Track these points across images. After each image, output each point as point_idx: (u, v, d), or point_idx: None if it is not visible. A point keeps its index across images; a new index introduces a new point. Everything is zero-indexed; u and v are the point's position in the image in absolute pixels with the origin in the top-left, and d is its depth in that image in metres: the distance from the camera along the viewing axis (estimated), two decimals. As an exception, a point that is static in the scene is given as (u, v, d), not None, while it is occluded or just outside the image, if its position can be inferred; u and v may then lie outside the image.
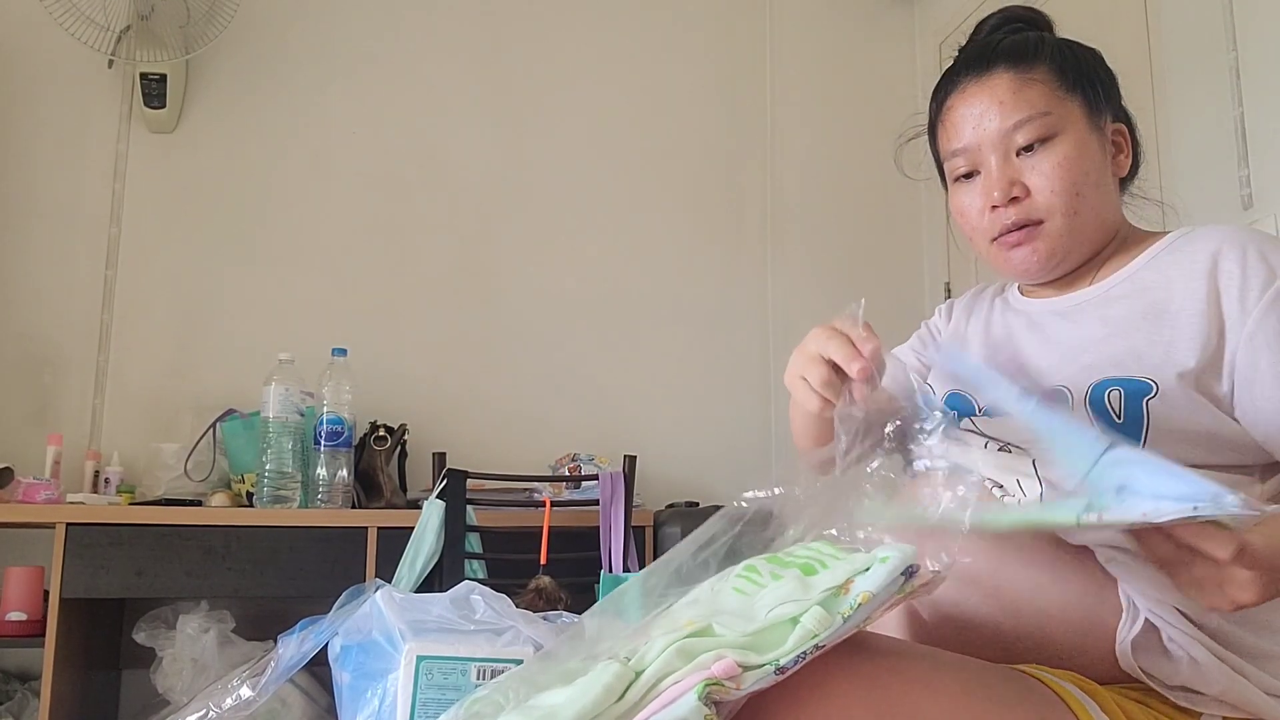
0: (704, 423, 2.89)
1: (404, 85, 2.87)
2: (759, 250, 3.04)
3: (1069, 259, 1.01)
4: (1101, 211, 1.00)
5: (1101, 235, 1.02)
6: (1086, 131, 0.99)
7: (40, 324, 2.56)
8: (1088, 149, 0.99)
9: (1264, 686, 0.82)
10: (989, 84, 1.01)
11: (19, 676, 2.35)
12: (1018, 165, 0.99)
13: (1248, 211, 1.97)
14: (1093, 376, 0.93)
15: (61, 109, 2.65)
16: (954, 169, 1.04)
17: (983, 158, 1.01)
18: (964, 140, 1.02)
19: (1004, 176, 0.99)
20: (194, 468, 2.41)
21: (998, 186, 0.99)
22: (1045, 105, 0.98)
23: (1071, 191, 0.97)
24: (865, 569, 0.66)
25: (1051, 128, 0.98)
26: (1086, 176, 0.98)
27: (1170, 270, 0.96)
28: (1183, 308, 0.92)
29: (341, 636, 1.45)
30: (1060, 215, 0.98)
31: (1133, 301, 0.96)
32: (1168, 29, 2.20)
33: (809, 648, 0.61)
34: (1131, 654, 0.81)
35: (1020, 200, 0.99)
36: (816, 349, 0.88)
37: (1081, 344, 0.98)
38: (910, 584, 0.66)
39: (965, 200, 1.04)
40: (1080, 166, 0.98)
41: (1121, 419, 0.90)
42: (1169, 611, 0.81)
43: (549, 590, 1.98)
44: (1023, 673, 0.78)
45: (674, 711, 0.58)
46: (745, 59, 3.12)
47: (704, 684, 0.58)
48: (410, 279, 2.79)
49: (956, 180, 1.05)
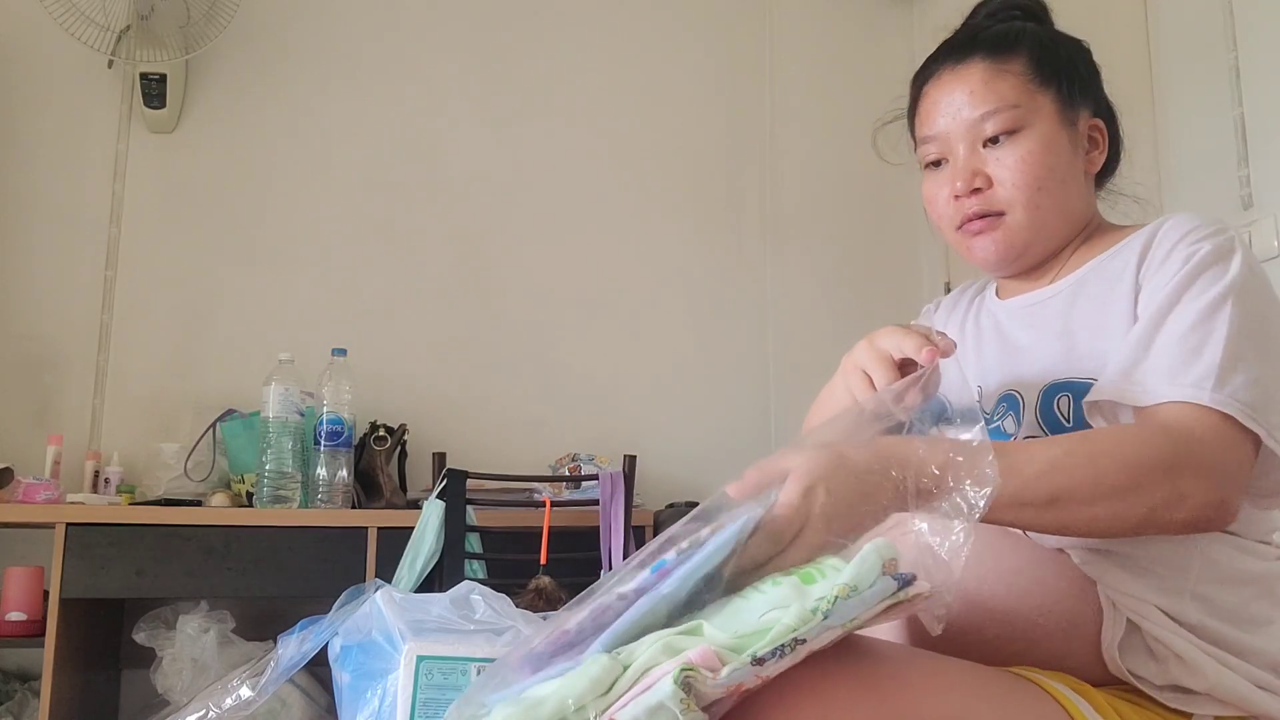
0: (704, 423, 2.89)
1: (404, 85, 2.87)
2: (758, 250, 3.04)
3: (1030, 252, 1.01)
4: (1066, 207, 1.00)
5: (1066, 229, 1.01)
6: (1056, 126, 0.99)
7: (40, 324, 2.56)
8: (1055, 144, 0.99)
9: (1253, 679, 0.82)
10: (963, 73, 1.01)
11: (19, 676, 2.35)
12: (983, 156, 0.99)
13: (1248, 211, 1.97)
14: (1045, 379, 0.94)
15: (61, 109, 2.65)
16: (925, 155, 1.05)
17: (951, 146, 1.01)
18: (935, 128, 1.02)
19: (968, 166, 0.99)
20: (194, 468, 2.41)
21: (961, 176, 1.00)
22: (1015, 98, 0.98)
23: (1033, 186, 0.97)
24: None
25: (1019, 121, 0.98)
26: (1051, 172, 0.98)
27: (1116, 263, 0.96)
28: (1119, 302, 0.93)
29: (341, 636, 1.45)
30: (1020, 208, 0.98)
31: (1083, 299, 0.97)
32: (1168, 29, 2.21)
33: (787, 641, 0.60)
34: (1119, 657, 0.81)
35: (982, 191, 0.99)
36: (889, 346, 0.88)
37: (1035, 346, 0.99)
38: (905, 592, 0.65)
39: (933, 187, 1.04)
40: (1045, 161, 0.98)
41: (1070, 423, 0.91)
42: (1148, 609, 0.82)
43: (549, 590, 1.98)
44: (1016, 675, 0.78)
45: (651, 696, 0.59)
46: (745, 59, 3.12)
47: (680, 669, 0.58)
48: (410, 279, 2.79)
49: (927, 166, 1.05)
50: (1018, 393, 0.97)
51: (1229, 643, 0.82)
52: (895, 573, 0.66)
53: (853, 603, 0.63)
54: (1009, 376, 0.99)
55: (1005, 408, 0.98)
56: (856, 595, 0.63)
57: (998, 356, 1.03)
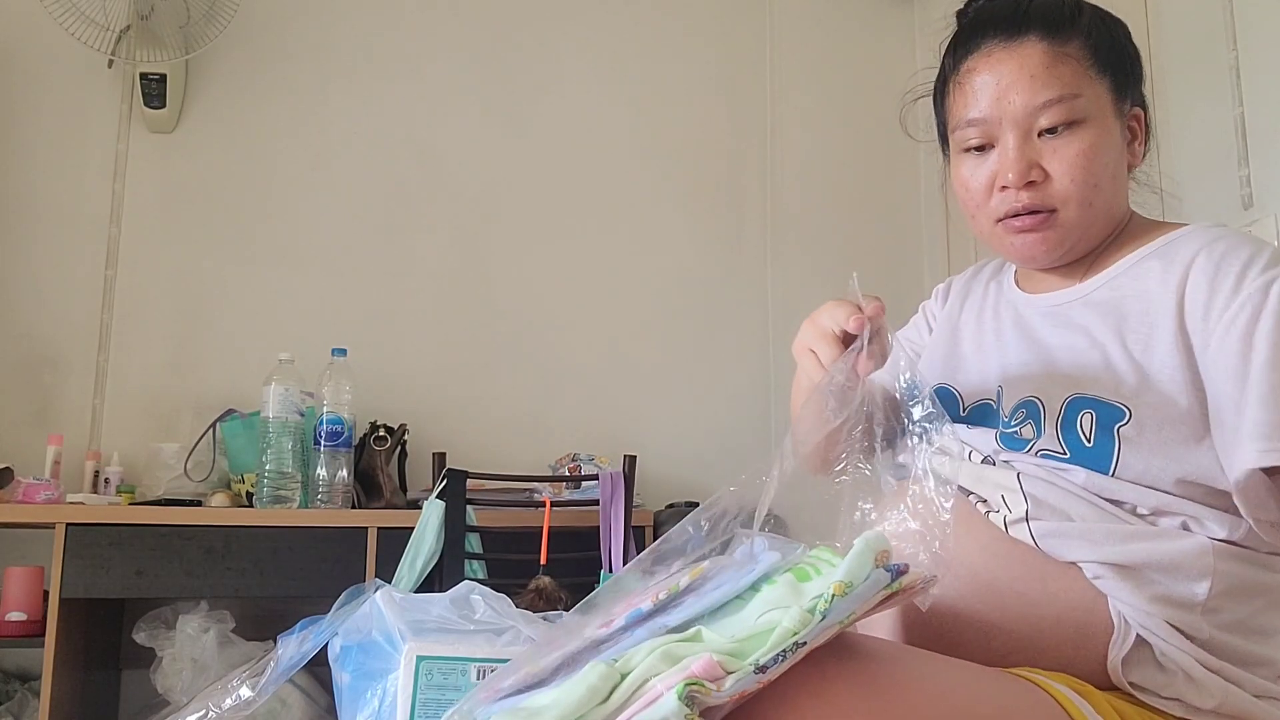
0: (704, 423, 2.89)
1: (404, 85, 2.87)
2: (759, 249, 3.04)
3: (1075, 250, 0.96)
4: (1113, 204, 0.95)
5: (1109, 228, 0.97)
6: (1112, 118, 0.93)
7: (40, 324, 2.56)
8: (1111, 138, 0.92)
9: (1255, 690, 0.82)
10: (1019, 52, 0.91)
11: (19, 676, 2.35)
12: (1038, 147, 0.92)
13: (1248, 211, 1.97)
14: (1069, 391, 0.89)
15: (61, 109, 2.65)
16: (964, 139, 0.96)
17: (1000, 132, 0.93)
18: (982, 110, 0.93)
19: (1023, 158, 0.91)
20: (194, 468, 2.41)
21: (1014, 168, 0.91)
22: (1077, 86, 0.91)
23: (1090, 183, 0.91)
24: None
25: (1080, 111, 0.91)
26: (1106, 168, 0.92)
27: (1148, 280, 0.91)
28: (1157, 324, 0.88)
29: (341, 636, 1.45)
30: (1075, 206, 0.92)
31: (1112, 310, 0.92)
32: (1168, 29, 2.20)
33: (788, 645, 0.60)
34: (1122, 670, 0.81)
35: (1036, 185, 0.92)
36: (829, 323, 0.85)
37: (1063, 351, 0.93)
38: (899, 582, 0.65)
39: (972, 174, 0.96)
40: (1102, 158, 0.91)
41: (1091, 444, 0.86)
42: (1160, 626, 0.81)
43: (549, 590, 1.98)
44: (1017, 675, 0.78)
45: (655, 712, 0.58)
46: (745, 59, 3.12)
47: (684, 684, 0.58)
48: (410, 279, 2.79)
49: (966, 151, 0.96)
50: (1039, 400, 0.91)
51: (1238, 654, 0.82)
52: (887, 564, 0.66)
53: (849, 599, 0.63)
54: (1032, 379, 0.94)
55: (1025, 414, 0.92)
56: (853, 591, 0.63)
57: (1021, 355, 0.97)
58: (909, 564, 0.67)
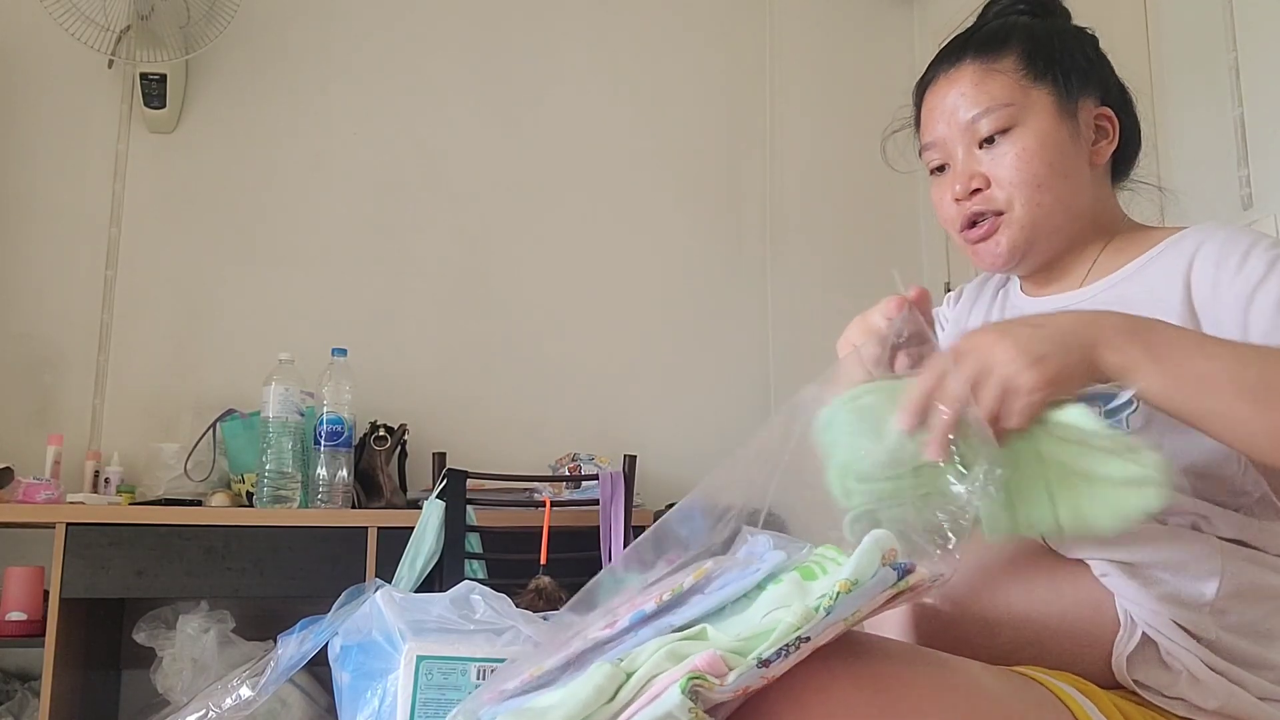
0: (704, 423, 2.89)
1: (404, 85, 2.87)
2: (759, 250, 3.04)
3: (1036, 250, 1.00)
4: (1070, 201, 0.98)
5: (1074, 224, 1.00)
6: (1054, 120, 0.98)
7: (40, 324, 2.56)
8: (1053, 138, 0.97)
9: (1259, 692, 0.82)
10: (954, 76, 1.01)
11: (19, 676, 2.35)
12: (978, 157, 0.99)
13: (1248, 211, 1.97)
14: None
15: (61, 109, 2.65)
16: (928, 161, 1.05)
17: (950, 150, 1.01)
18: (934, 134, 1.03)
19: (966, 169, 1.00)
20: (194, 468, 2.41)
21: (960, 179, 1.00)
22: (1007, 96, 0.98)
23: (1032, 183, 0.97)
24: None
25: (1012, 118, 0.97)
26: (1050, 167, 0.97)
27: (1153, 281, 0.94)
28: (1164, 312, 0.89)
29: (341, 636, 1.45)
30: (1020, 206, 0.97)
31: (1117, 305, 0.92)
32: (1168, 29, 2.20)
33: (791, 640, 0.60)
34: (1126, 668, 0.81)
35: (981, 191, 0.99)
36: (878, 319, 0.88)
37: None
38: (905, 581, 0.65)
39: (938, 193, 1.04)
40: (1042, 157, 0.97)
41: None
42: (1167, 625, 0.81)
43: (549, 590, 1.98)
44: (1022, 674, 0.78)
45: (659, 706, 0.58)
46: (745, 59, 3.12)
47: (688, 678, 0.58)
48: (410, 279, 2.79)
49: (931, 173, 1.05)
50: None
51: (1246, 657, 0.82)
52: (894, 562, 0.66)
53: (854, 596, 0.63)
54: None
55: None
56: (858, 589, 0.63)
57: None
58: (916, 563, 0.67)
